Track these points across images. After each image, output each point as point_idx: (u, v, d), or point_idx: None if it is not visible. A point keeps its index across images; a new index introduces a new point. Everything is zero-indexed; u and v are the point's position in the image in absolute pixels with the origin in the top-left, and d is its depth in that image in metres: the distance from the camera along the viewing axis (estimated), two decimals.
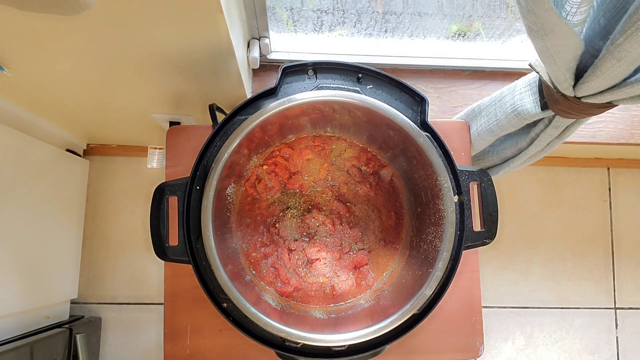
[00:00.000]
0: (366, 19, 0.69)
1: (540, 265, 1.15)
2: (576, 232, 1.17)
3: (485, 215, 0.50)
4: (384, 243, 0.58)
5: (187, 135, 0.59)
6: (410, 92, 0.51)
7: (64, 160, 0.95)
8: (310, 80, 0.51)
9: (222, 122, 0.49)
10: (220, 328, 0.55)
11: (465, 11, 0.69)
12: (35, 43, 0.50)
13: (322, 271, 0.56)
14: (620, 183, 1.19)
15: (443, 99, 0.75)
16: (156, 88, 0.66)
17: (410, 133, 0.48)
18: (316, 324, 0.51)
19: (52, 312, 0.91)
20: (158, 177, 1.08)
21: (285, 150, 0.57)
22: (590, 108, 0.46)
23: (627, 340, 1.14)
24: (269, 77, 0.73)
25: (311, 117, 0.53)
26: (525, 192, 1.18)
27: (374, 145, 0.57)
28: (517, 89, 0.55)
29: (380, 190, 0.59)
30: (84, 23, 0.46)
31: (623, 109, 0.76)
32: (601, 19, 0.39)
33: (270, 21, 0.66)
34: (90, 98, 0.70)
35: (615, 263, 1.16)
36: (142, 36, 0.49)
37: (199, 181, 0.47)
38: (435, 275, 0.46)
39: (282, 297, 0.54)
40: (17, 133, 0.77)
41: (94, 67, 0.57)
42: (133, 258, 1.06)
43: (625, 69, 0.38)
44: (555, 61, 0.41)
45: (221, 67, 0.58)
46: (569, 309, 1.14)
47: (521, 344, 1.13)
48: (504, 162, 0.65)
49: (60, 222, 0.93)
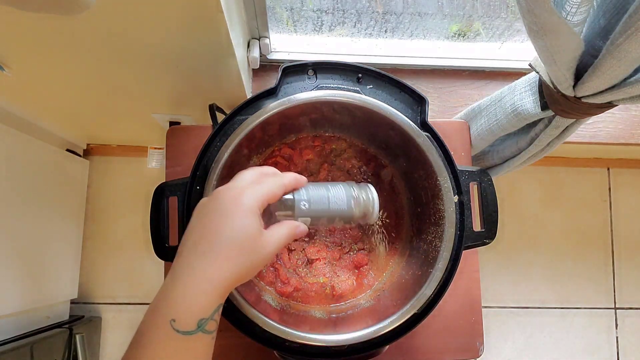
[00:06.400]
0: (366, 19, 0.69)
1: (540, 265, 1.15)
2: (576, 232, 1.17)
3: (485, 215, 0.50)
4: (384, 243, 0.58)
5: (187, 135, 0.59)
6: (410, 92, 0.51)
7: (64, 160, 0.95)
8: (310, 80, 0.51)
9: (222, 122, 0.49)
10: (220, 328, 0.54)
11: (465, 11, 0.69)
12: (35, 43, 0.50)
13: (322, 271, 0.56)
14: (620, 183, 1.19)
15: (443, 99, 0.75)
16: (156, 88, 0.66)
17: (410, 133, 0.48)
18: (316, 324, 0.51)
19: (52, 312, 0.91)
20: (158, 177, 1.08)
21: (285, 150, 0.57)
22: (590, 108, 0.46)
23: (627, 340, 1.14)
24: (269, 77, 0.73)
25: (311, 117, 0.53)
26: (525, 192, 1.18)
27: (374, 146, 0.57)
28: (517, 89, 0.55)
29: (380, 190, 0.59)
30: (84, 23, 0.46)
31: (623, 109, 0.76)
32: (601, 19, 0.39)
33: (270, 21, 0.66)
34: (90, 98, 0.70)
35: (615, 263, 1.17)
36: (142, 36, 0.49)
37: (199, 181, 0.47)
38: (435, 275, 0.46)
39: (282, 297, 0.54)
40: (17, 133, 0.77)
41: (93, 66, 0.57)
42: (133, 258, 1.06)
43: (625, 69, 0.38)
44: (555, 61, 0.41)
45: (221, 67, 0.58)
46: (569, 309, 1.14)
47: (521, 344, 1.13)
48: (504, 162, 0.65)
49: (60, 222, 0.93)
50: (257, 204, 0.35)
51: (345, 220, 0.43)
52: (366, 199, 0.43)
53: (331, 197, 0.41)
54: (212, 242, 0.33)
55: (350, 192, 0.42)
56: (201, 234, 0.34)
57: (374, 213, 0.43)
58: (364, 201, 0.43)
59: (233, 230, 0.33)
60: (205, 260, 0.32)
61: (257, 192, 0.35)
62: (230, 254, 0.33)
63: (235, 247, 0.33)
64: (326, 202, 0.41)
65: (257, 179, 0.37)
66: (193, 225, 0.35)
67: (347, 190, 0.42)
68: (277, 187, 0.37)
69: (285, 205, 0.39)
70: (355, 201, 0.42)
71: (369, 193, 0.44)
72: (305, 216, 0.40)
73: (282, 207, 0.39)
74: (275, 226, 0.37)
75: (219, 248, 0.33)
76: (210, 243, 0.33)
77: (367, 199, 0.43)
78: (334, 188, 0.42)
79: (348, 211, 0.42)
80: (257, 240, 0.34)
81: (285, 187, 0.38)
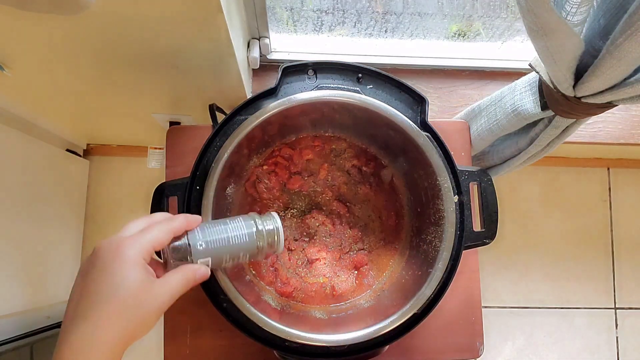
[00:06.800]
0: (366, 19, 0.69)
1: (540, 265, 1.15)
2: (576, 232, 1.17)
3: (485, 215, 0.50)
4: (384, 243, 0.58)
5: (187, 135, 0.59)
6: (410, 92, 0.51)
7: (64, 160, 0.95)
8: (310, 80, 0.51)
9: (222, 122, 0.49)
10: (220, 328, 0.55)
11: (465, 11, 0.69)
12: (35, 43, 0.50)
13: (322, 271, 0.56)
14: (620, 183, 1.19)
15: (443, 99, 0.75)
16: (156, 88, 0.66)
17: (410, 133, 0.48)
18: (316, 324, 0.51)
19: (53, 312, 0.91)
20: (158, 177, 1.07)
21: (285, 150, 0.57)
22: (590, 108, 0.46)
23: (627, 340, 1.14)
24: (269, 77, 0.73)
25: (311, 117, 0.53)
26: (525, 192, 1.18)
27: (374, 146, 0.57)
28: (517, 89, 0.55)
29: (380, 190, 0.59)
30: (83, 23, 0.46)
31: (623, 109, 0.76)
32: (601, 19, 0.39)
33: (270, 21, 0.66)
34: (90, 98, 0.70)
35: (615, 263, 1.16)
36: (142, 36, 0.49)
37: (199, 181, 0.47)
38: (435, 275, 0.46)
39: (282, 297, 0.54)
40: (17, 133, 0.77)
41: (93, 66, 0.57)
42: None
43: (625, 69, 0.38)
44: (555, 61, 0.41)
45: (221, 67, 0.58)
46: (569, 309, 1.14)
47: (521, 344, 1.13)
48: (504, 162, 0.65)
49: (60, 222, 0.93)
50: (140, 254, 0.33)
51: (250, 254, 0.41)
52: (270, 229, 0.41)
53: (230, 231, 0.39)
54: (92, 302, 0.31)
55: (250, 224, 0.41)
56: (82, 294, 0.32)
57: (280, 242, 0.42)
58: (267, 232, 0.41)
59: (114, 286, 0.31)
60: (86, 323, 0.30)
61: (140, 241, 0.33)
62: (113, 313, 0.30)
63: (118, 304, 0.31)
64: (226, 238, 0.39)
65: (142, 228, 0.35)
66: (76, 284, 0.33)
67: (247, 223, 0.41)
68: (163, 232, 0.35)
69: (178, 250, 0.37)
70: (257, 233, 0.40)
71: (274, 222, 0.42)
72: (205, 257, 0.38)
73: (176, 252, 0.37)
74: (170, 273, 0.35)
75: (99, 308, 0.30)
76: (90, 303, 0.31)
77: (271, 229, 0.41)
78: (233, 222, 0.40)
79: (251, 243, 0.40)
80: (145, 293, 0.32)
81: (174, 231, 0.36)
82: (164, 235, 0.35)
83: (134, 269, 0.32)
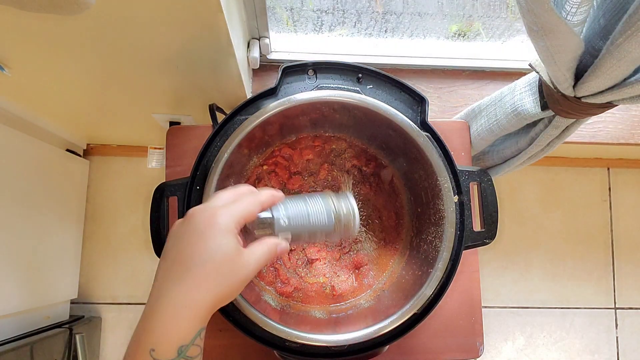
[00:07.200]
0: (366, 19, 0.69)
1: (540, 265, 1.15)
2: (576, 232, 1.17)
3: (485, 215, 0.50)
4: (384, 243, 0.58)
5: (187, 135, 0.59)
6: (410, 92, 0.51)
7: (64, 160, 0.95)
8: (310, 80, 0.51)
9: (222, 122, 0.49)
10: (220, 328, 0.55)
11: (465, 11, 0.69)
12: (35, 43, 0.50)
13: (322, 271, 0.56)
14: (620, 183, 1.19)
15: (443, 99, 0.75)
16: (156, 88, 0.66)
17: (410, 133, 0.48)
18: (316, 324, 0.51)
19: (52, 312, 0.91)
20: (158, 177, 1.08)
21: (286, 150, 0.57)
22: (590, 108, 0.46)
23: (627, 340, 1.14)
24: (269, 77, 0.73)
25: (311, 117, 0.53)
26: (525, 192, 1.18)
27: (374, 146, 0.57)
28: (517, 89, 0.55)
29: (381, 190, 0.59)
30: (84, 23, 0.46)
31: (623, 109, 0.76)
32: (601, 19, 0.39)
33: (270, 21, 0.66)
34: (90, 98, 0.70)
35: (615, 263, 1.16)
36: (142, 36, 0.49)
37: (199, 181, 0.47)
38: (435, 275, 0.46)
39: (282, 297, 0.54)
40: (17, 133, 0.77)
41: (93, 66, 0.57)
42: (133, 258, 1.06)
43: (625, 69, 0.38)
44: (555, 61, 0.41)
45: (221, 67, 0.58)
46: (569, 309, 1.14)
47: (521, 344, 1.13)
48: (504, 162, 0.65)
49: (60, 222, 0.93)
50: (233, 223, 0.34)
51: (327, 234, 0.41)
52: (347, 212, 0.41)
53: (311, 211, 0.40)
54: (188, 266, 0.32)
55: (329, 205, 0.41)
56: (176, 257, 0.33)
57: (355, 224, 0.42)
58: (345, 214, 0.41)
59: (209, 252, 0.32)
60: (182, 284, 0.32)
61: (232, 210, 0.34)
62: (207, 277, 0.32)
63: (212, 269, 0.32)
64: (306, 217, 0.40)
65: (233, 199, 0.36)
66: (168, 249, 0.34)
67: (326, 203, 0.41)
68: (253, 204, 0.36)
69: (263, 222, 0.38)
70: (335, 214, 0.40)
71: (349, 204, 0.42)
72: (286, 232, 0.39)
73: (260, 225, 0.38)
74: (255, 243, 0.36)
75: (195, 271, 0.32)
76: (186, 266, 0.32)
77: (348, 211, 0.41)
78: (313, 201, 0.41)
79: (329, 225, 0.40)
80: (236, 260, 0.33)
81: (262, 204, 0.37)
82: (254, 208, 0.36)
83: (227, 237, 0.33)
